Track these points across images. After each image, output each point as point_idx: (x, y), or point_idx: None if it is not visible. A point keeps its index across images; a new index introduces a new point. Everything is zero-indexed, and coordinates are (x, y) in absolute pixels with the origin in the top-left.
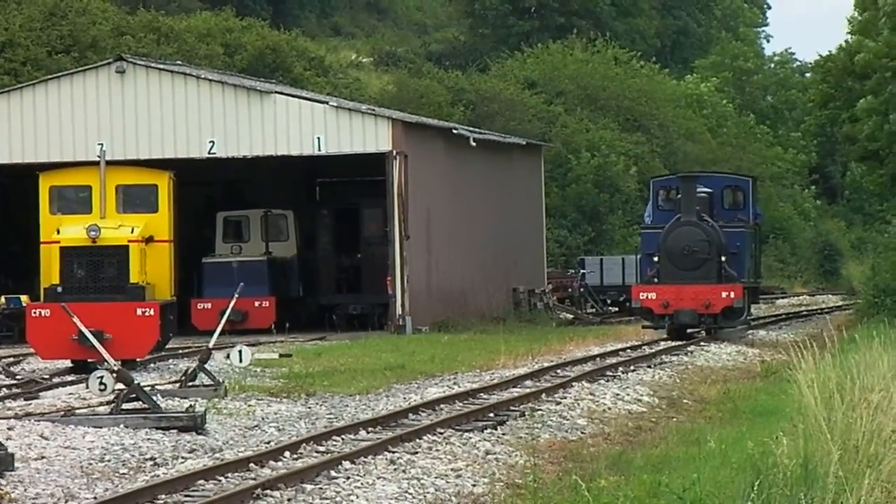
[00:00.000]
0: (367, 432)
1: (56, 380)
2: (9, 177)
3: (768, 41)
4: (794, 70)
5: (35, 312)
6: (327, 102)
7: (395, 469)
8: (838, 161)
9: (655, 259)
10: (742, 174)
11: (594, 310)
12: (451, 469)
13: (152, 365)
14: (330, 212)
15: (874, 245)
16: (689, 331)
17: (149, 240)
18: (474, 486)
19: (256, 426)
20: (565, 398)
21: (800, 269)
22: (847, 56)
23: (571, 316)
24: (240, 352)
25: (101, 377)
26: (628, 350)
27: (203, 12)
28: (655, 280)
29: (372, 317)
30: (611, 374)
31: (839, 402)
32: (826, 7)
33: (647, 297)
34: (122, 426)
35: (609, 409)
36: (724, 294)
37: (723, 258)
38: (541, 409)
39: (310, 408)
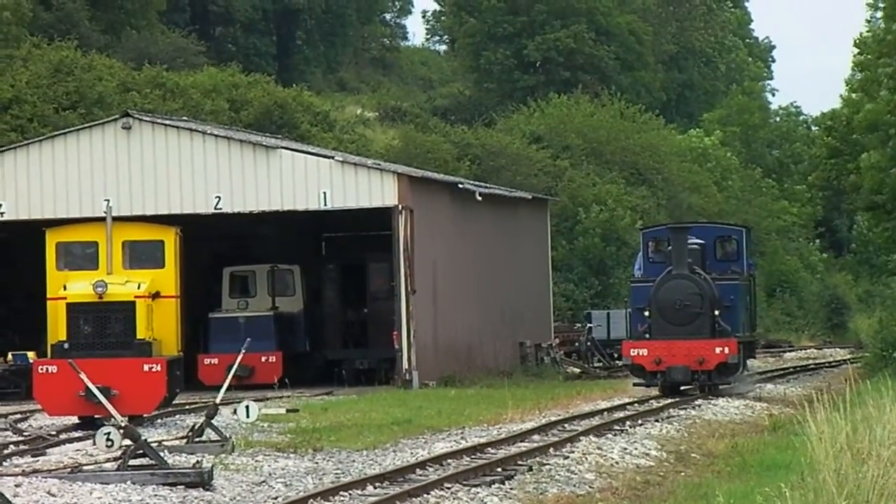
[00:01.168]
0: (375, 487)
1: (63, 436)
2: (15, 233)
3: (773, 95)
4: (798, 123)
5: (42, 369)
6: (333, 157)
7: None
8: (844, 213)
9: (646, 314)
10: (735, 224)
11: (601, 364)
12: None
13: (159, 421)
14: (336, 266)
15: (881, 298)
16: (682, 388)
17: (155, 295)
18: None
19: (264, 482)
20: (573, 452)
21: (807, 323)
22: (850, 112)
23: (578, 370)
24: (247, 407)
25: (108, 433)
26: (636, 404)
27: (209, 68)
28: (647, 336)
29: (379, 371)
30: (618, 428)
31: (849, 456)
32: (830, 62)
33: (638, 354)
34: (129, 482)
35: (617, 463)
36: (717, 350)
37: (716, 312)
38: (548, 464)
39: (317, 463)
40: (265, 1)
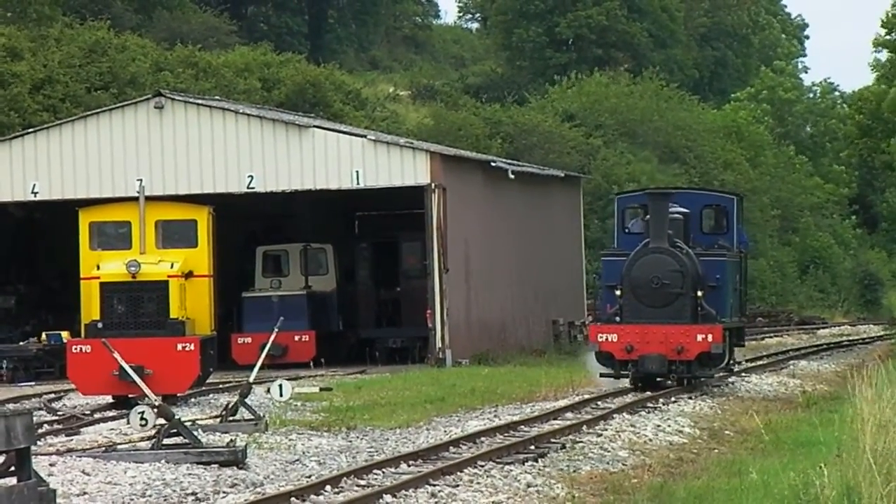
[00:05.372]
0: (408, 466)
1: (97, 415)
2: (48, 213)
3: (806, 72)
4: (833, 100)
5: (76, 348)
6: (365, 136)
7: (436, 502)
8: (878, 190)
9: (618, 293)
10: (725, 191)
11: None
12: (493, 502)
13: (193, 400)
14: (369, 245)
15: None
16: (657, 380)
17: (188, 275)
18: None
19: (297, 460)
20: (606, 430)
21: (840, 299)
22: (880, 94)
23: None
24: (280, 386)
25: (142, 412)
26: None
27: (241, 47)
28: (617, 319)
29: (412, 350)
30: (651, 405)
31: (890, 432)
32: (864, 39)
33: (606, 340)
34: (163, 461)
35: (650, 440)
36: (699, 337)
37: (699, 293)
38: (582, 441)
39: (350, 441)
40: None
